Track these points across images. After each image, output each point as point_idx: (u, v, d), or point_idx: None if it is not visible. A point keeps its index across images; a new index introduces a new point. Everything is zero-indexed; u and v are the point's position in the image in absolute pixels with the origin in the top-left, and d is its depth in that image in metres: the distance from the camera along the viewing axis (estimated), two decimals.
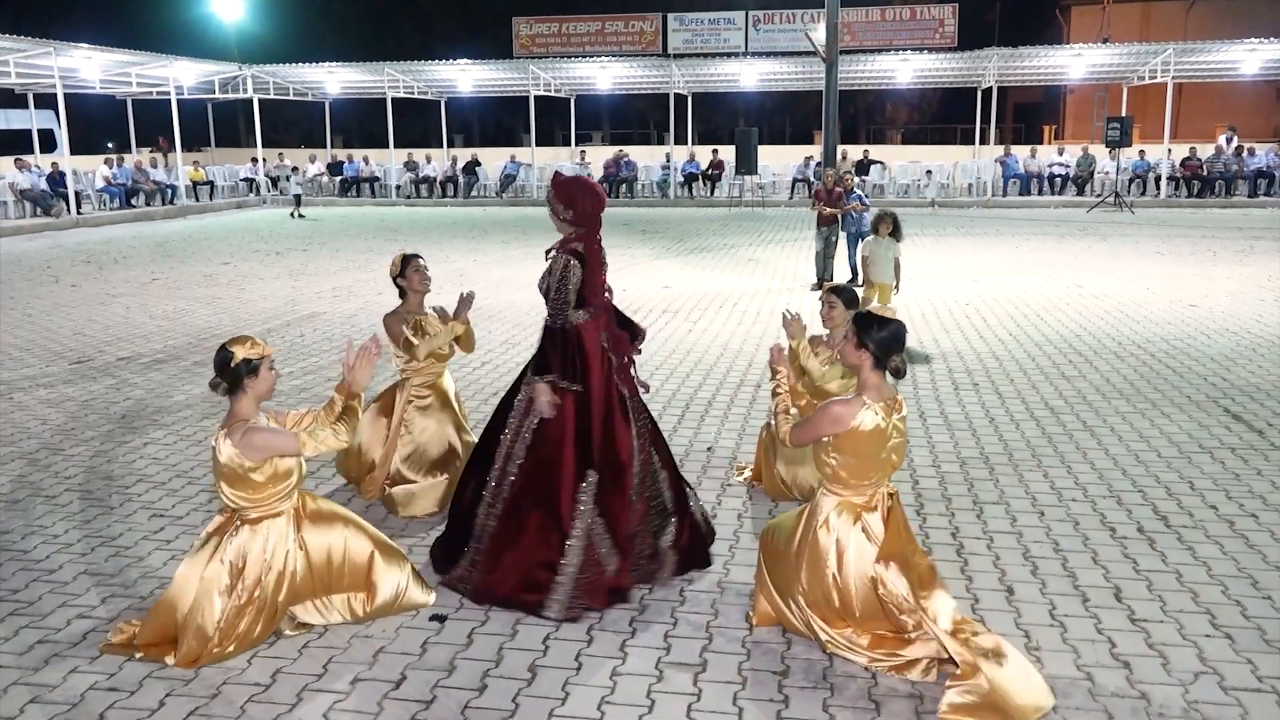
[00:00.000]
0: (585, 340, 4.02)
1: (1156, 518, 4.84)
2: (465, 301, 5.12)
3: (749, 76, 28.82)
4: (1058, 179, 26.03)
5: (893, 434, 3.51)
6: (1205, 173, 24.90)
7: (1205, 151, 25.65)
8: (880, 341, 3.48)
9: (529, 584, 3.90)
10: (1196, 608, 3.91)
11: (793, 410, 3.82)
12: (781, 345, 4.03)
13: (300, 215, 23.56)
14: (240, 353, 3.61)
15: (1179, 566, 4.28)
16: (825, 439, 3.53)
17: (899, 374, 3.53)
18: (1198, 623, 3.79)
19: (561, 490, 3.93)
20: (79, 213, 22.51)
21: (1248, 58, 25.45)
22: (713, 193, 27.27)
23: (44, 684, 3.45)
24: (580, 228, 4.05)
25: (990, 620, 3.83)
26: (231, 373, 3.62)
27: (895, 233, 9.04)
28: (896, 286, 9.01)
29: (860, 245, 10.38)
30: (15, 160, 22.63)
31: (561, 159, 29.91)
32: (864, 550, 3.48)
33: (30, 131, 24.97)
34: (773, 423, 3.76)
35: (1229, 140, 26.13)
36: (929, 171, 25.78)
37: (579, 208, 4.03)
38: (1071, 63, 27.34)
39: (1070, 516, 4.87)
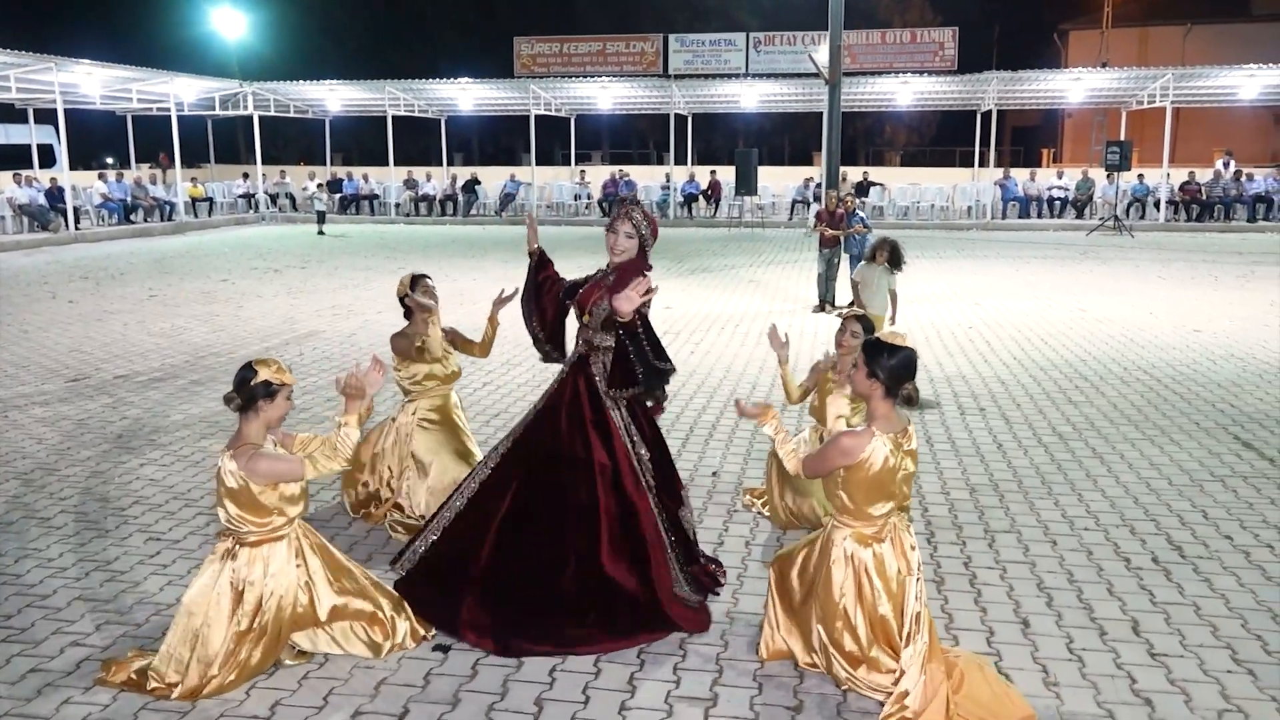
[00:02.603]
0: None
1: (1171, 548, 4.76)
2: (503, 300, 4.99)
3: (749, 98, 28.88)
4: (1057, 202, 26.06)
5: (903, 465, 3.44)
6: (1204, 197, 24.95)
7: (1204, 176, 25.71)
8: (891, 370, 3.40)
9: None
10: (1217, 642, 3.83)
11: (801, 437, 3.73)
12: (743, 402, 3.75)
13: (320, 232, 23.48)
14: (263, 374, 3.50)
15: (1196, 599, 4.20)
16: (837, 471, 3.45)
17: (911, 403, 3.44)
18: (1219, 658, 3.71)
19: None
20: (77, 228, 22.44)
21: (1246, 83, 25.55)
22: (714, 214, 27.28)
23: (37, 715, 3.36)
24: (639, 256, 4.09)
25: (1006, 654, 3.74)
26: (248, 391, 3.51)
27: (893, 261, 8.58)
28: (892, 318, 8.65)
29: (854, 270, 10.04)
30: (14, 175, 22.58)
31: (561, 178, 29.92)
32: (876, 583, 3.40)
33: (30, 146, 24.94)
34: (781, 458, 3.66)
35: (1226, 165, 26.20)
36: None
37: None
38: (1071, 86, 27.44)
39: (1083, 546, 4.79)
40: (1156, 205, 25.23)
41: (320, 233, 23.44)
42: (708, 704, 3.43)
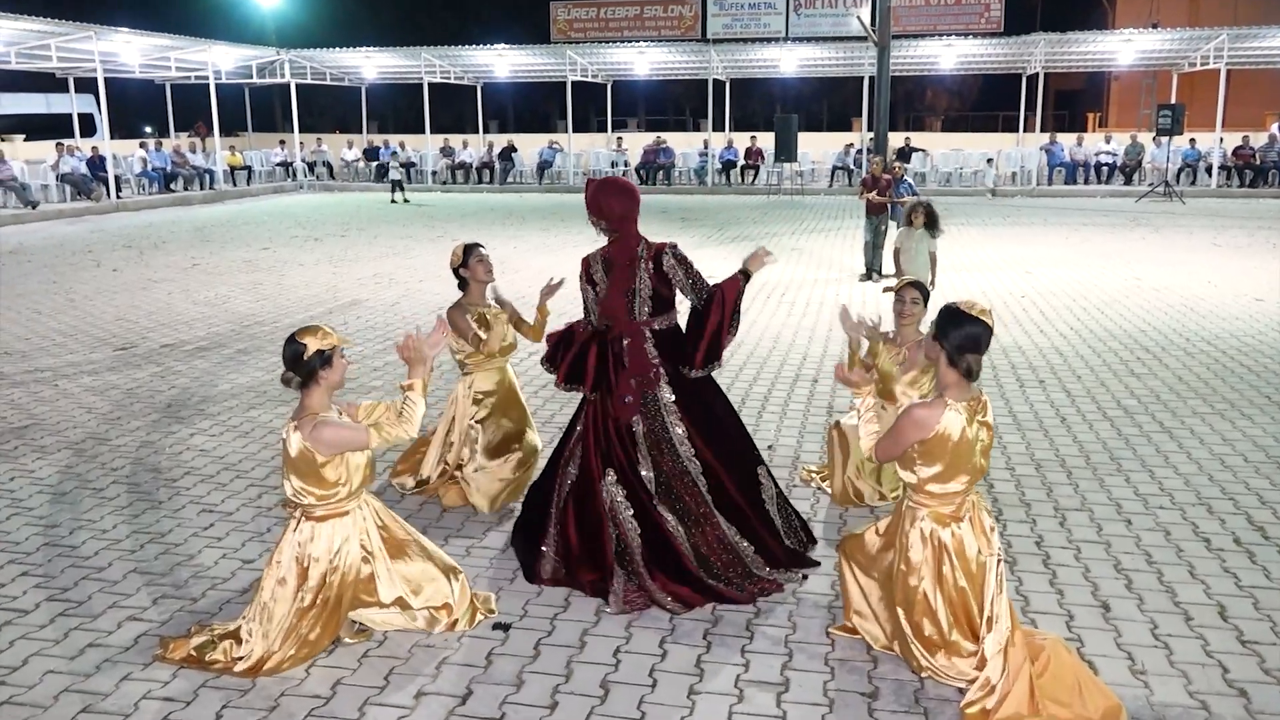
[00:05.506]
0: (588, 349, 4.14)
1: (1252, 528, 4.57)
2: (551, 289, 4.92)
3: (789, 62, 28.38)
4: (1105, 168, 25.45)
5: (979, 436, 3.28)
6: (1258, 162, 24.24)
7: (1257, 140, 24.97)
8: (954, 339, 3.23)
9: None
10: None
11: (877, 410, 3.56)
12: (843, 368, 3.62)
13: (405, 200, 23.56)
14: (313, 344, 3.41)
15: None
16: (913, 446, 3.29)
17: (970, 376, 3.27)
18: None
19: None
20: (118, 197, 22.59)
21: None
22: (753, 180, 26.92)
23: (96, 691, 3.31)
24: (610, 234, 4.07)
25: (1088, 639, 3.59)
26: (305, 366, 3.42)
27: (930, 225, 8.61)
28: (932, 282, 8.46)
29: (894, 236, 9.94)
30: (56, 144, 22.74)
31: (598, 145, 29.66)
32: (955, 564, 3.26)
33: (71, 115, 25.08)
34: (862, 435, 3.49)
35: None
36: (990, 160, 25.20)
37: (601, 212, 4.05)
38: (1121, 48, 26.68)
39: (1159, 525, 4.61)
40: (1208, 170, 24.56)
41: (406, 200, 23.49)
42: (779, 689, 3.31)
